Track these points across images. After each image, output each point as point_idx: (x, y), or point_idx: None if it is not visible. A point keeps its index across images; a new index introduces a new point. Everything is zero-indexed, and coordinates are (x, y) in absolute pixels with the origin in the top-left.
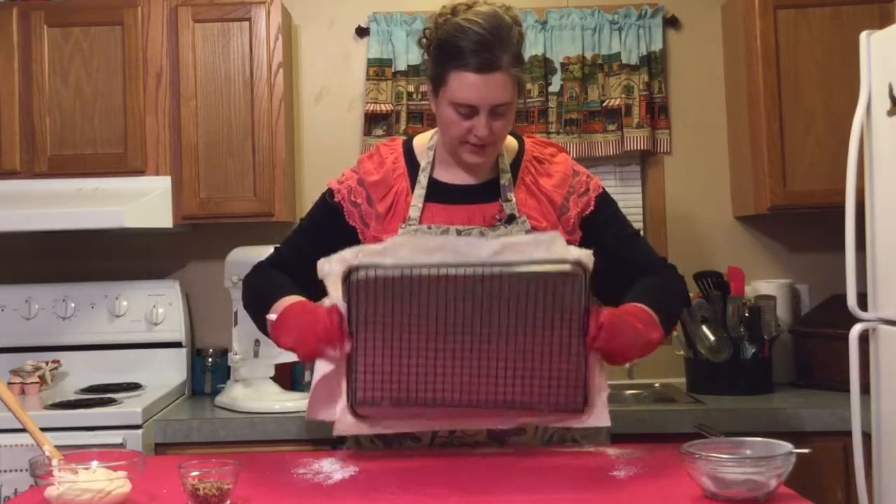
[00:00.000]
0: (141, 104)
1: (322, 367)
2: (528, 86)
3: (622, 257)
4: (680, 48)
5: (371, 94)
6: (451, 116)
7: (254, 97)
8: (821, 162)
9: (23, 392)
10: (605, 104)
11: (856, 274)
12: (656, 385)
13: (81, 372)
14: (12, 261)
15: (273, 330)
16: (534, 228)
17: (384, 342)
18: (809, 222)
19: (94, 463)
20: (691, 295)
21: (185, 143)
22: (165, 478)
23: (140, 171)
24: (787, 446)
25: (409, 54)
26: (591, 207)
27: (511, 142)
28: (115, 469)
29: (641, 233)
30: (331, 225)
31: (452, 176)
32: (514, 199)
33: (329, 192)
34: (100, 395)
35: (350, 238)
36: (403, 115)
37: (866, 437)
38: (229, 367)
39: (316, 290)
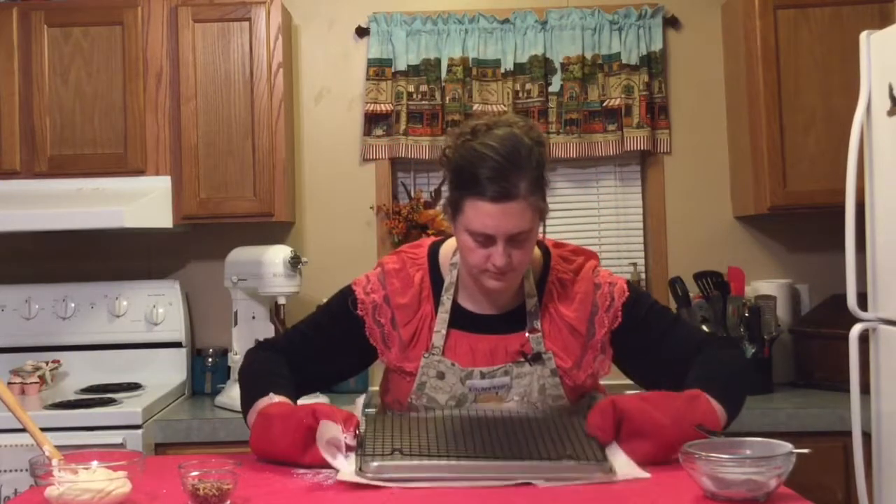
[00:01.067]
0: (141, 104)
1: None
2: (528, 86)
3: (668, 349)
4: (680, 48)
5: (371, 94)
6: (469, 244)
7: (254, 97)
8: (821, 162)
9: (23, 392)
10: (605, 104)
11: (856, 274)
12: None
13: (81, 372)
14: (12, 261)
15: (258, 421)
16: (558, 367)
17: (395, 417)
18: (809, 222)
19: (94, 463)
20: (691, 295)
21: (185, 143)
22: (165, 478)
23: (140, 171)
24: (787, 446)
25: (409, 54)
26: (619, 320)
27: (537, 256)
28: (115, 469)
29: (641, 234)
30: (349, 333)
31: (476, 305)
32: (540, 329)
33: (353, 300)
34: (100, 395)
35: (366, 349)
36: (403, 115)
37: (866, 437)
38: (229, 367)
39: (314, 383)
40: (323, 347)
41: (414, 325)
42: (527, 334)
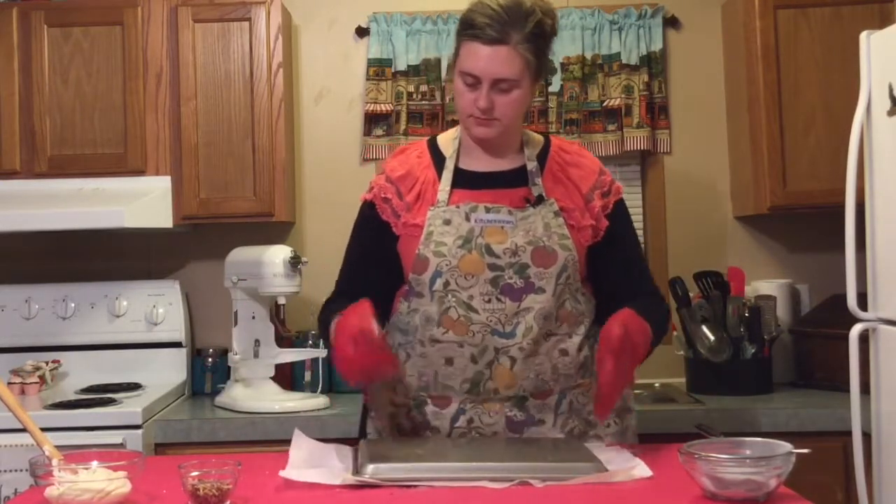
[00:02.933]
0: (141, 104)
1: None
2: None
3: (624, 276)
4: (680, 48)
5: (371, 94)
6: (460, 87)
7: (254, 97)
8: (821, 162)
9: (23, 392)
10: (605, 104)
11: (856, 274)
12: (656, 385)
13: (81, 372)
14: (12, 261)
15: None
16: (562, 210)
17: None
18: (809, 222)
19: (94, 463)
20: (691, 295)
21: (185, 143)
22: (165, 478)
23: (140, 171)
24: (786, 446)
25: (409, 54)
26: (609, 209)
27: (537, 138)
28: (114, 469)
29: (641, 234)
30: (371, 227)
31: (478, 163)
32: (541, 184)
33: (364, 203)
34: (100, 395)
35: (390, 236)
36: (403, 115)
37: (866, 437)
38: (229, 367)
39: (379, 297)
40: (368, 263)
41: (417, 188)
42: (529, 186)
